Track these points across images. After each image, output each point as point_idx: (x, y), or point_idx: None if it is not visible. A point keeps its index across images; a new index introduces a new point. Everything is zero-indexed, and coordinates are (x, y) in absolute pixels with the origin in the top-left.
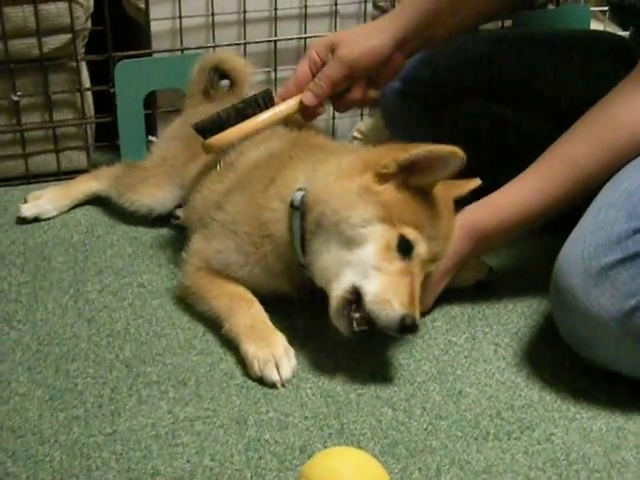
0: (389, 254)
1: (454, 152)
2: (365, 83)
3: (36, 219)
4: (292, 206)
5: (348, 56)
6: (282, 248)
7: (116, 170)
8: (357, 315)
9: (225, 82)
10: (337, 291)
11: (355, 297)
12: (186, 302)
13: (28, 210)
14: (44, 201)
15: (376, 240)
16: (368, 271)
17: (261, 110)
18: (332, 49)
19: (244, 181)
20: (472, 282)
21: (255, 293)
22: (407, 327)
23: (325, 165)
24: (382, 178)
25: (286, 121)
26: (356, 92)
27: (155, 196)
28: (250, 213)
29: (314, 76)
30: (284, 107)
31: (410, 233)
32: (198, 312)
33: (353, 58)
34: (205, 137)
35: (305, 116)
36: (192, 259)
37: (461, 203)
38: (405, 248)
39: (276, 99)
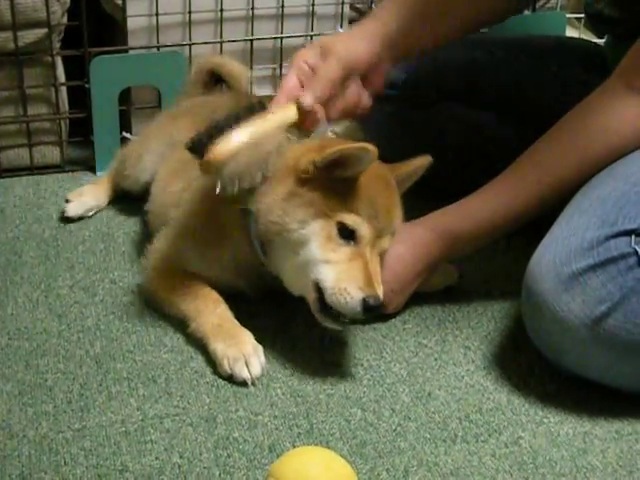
0: (333, 244)
1: (364, 149)
2: (358, 86)
3: (80, 218)
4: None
5: (345, 56)
6: (240, 249)
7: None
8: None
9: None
10: (310, 294)
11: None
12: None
13: (74, 209)
14: (88, 198)
15: (316, 235)
16: (320, 267)
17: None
18: (323, 53)
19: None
20: (442, 287)
21: (216, 290)
22: (372, 307)
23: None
24: (304, 180)
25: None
26: (350, 95)
27: (138, 165)
28: (206, 212)
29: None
30: (280, 114)
31: (347, 218)
32: (165, 314)
33: (350, 58)
34: (202, 156)
35: (305, 124)
36: (152, 260)
37: (433, 207)
38: (347, 234)
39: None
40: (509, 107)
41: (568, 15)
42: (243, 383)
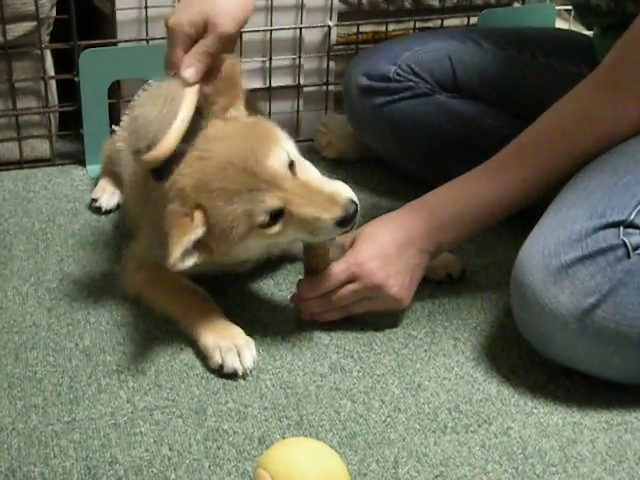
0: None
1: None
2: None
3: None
4: None
5: (226, 30)
6: None
7: None
8: None
9: None
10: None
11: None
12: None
13: (106, 202)
14: (112, 188)
15: (258, 240)
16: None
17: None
18: (204, 25)
19: None
20: (443, 274)
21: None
22: (346, 219)
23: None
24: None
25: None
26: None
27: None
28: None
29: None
30: (190, 98)
31: (267, 202)
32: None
33: (230, 31)
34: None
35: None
36: (130, 262)
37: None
38: (276, 213)
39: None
40: (498, 100)
41: (558, 7)
42: (233, 374)
